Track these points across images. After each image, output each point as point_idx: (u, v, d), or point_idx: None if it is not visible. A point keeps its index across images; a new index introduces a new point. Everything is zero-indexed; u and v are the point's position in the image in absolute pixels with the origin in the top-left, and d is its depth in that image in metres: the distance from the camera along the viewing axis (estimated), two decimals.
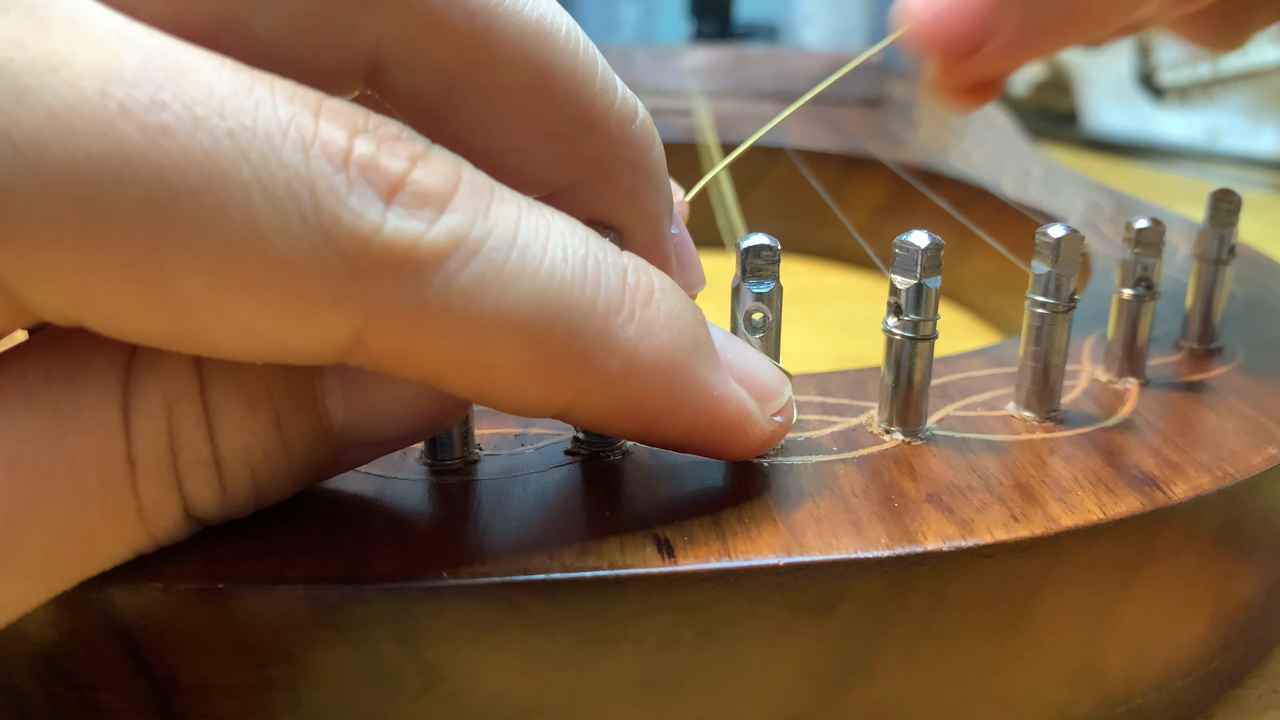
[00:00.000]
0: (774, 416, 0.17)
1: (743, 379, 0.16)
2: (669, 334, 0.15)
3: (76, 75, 0.11)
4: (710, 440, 0.16)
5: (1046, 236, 0.19)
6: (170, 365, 0.14)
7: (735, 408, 0.16)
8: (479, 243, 0.13)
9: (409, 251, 0.12)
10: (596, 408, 0.15)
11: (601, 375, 0.14)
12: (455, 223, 0.13)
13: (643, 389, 0.15)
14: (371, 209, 0.12)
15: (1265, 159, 0.69)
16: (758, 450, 0.17)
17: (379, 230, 0.12)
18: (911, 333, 0.18)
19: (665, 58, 0.69)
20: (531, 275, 0.13)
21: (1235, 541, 0.19)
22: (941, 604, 0.16)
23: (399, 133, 0.13)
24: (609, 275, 0.14)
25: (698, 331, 0.15)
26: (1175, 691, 0.19)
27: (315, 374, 0.15)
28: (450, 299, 0.13)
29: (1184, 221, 0.36)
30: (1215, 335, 0.24)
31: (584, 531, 0.16)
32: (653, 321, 0.15)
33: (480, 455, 0.18)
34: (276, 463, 0.15)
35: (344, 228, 0.12)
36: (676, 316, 0.15)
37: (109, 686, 0.15)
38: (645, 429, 0.16)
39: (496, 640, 0.15)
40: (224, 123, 0.12)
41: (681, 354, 0.15)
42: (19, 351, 0.13)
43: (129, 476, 0.13)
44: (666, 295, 0.15)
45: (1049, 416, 0.20)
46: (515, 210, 0.14)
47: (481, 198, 0.13)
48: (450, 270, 0.13)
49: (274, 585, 0.14)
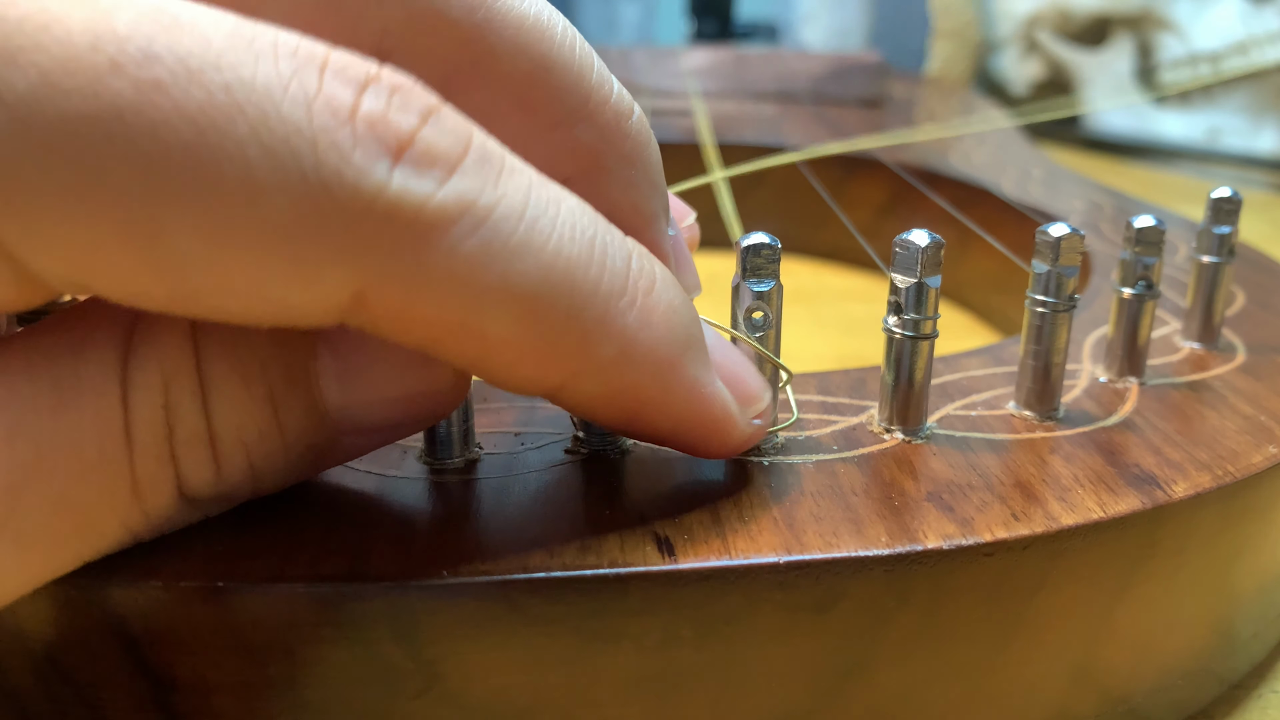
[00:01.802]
0: (754, 420, 0.17)
1: (728, 379, 0.16)
2: (666, 326, 0.15)
3: (68, 32, 0.11)
4: (692, 436, 0.16)
5: (1046, 236, 0.19)
6: (168, 341, 0.14)
7: (720, 407, 0.16)
8: (487, 210, 0.13)
9: (415, 213, 0.12)
10: (587, 391, 0.15)
11: (597, 359, 0.14)
12: (464, 187, 0.13)
13: (635, 378, 0.15)
14: (377, 166, 0.12)
15: (1265, 159, 0.69)
16: (735, 451, 0.17)
17: (384, 189, 0.12)
18: (912, 331, 0.18)
19: (665, 58, 0.69)
20: (538, 250, 0.13)
21: (1235, 540, 0.19)
22: (941, 603, 0.16)
23: (410, 85, 0.13)
24: (615, 259, 0.14)
25: (693, 328, 0.15)
26: (1175, 691, 0.19)
27: (310, 353, 0.15)
28: (455, 265, 0.12)
29: (1184, 221, 0.36)
30: (1215, 335, 0.24)
31: (584, 530, 0.16)
32: (652, 311, 0.15)
33: (480, 454, 0.18)
34: (271, 442, 0.15)
35: (347, 185, 0.12)
36: (675, 310, 0.15)
37: (109, 685, 0.15)
38: (630, 419, 0.15)
39: (496, 638, 0.15)
40: (220, 76, 0.11)
41: (676, 347, 0.15)
42: (24, 332, 0.14)
43: (126, 450, 0.14)
44: (667, 288, 0.15)
45: (1049, 415, 0.20)
46: (526, 182, 0.13)
47: (492, 165, 0.13)
48: (456, 236, 0.12)
49: (274, 583, 0.14)
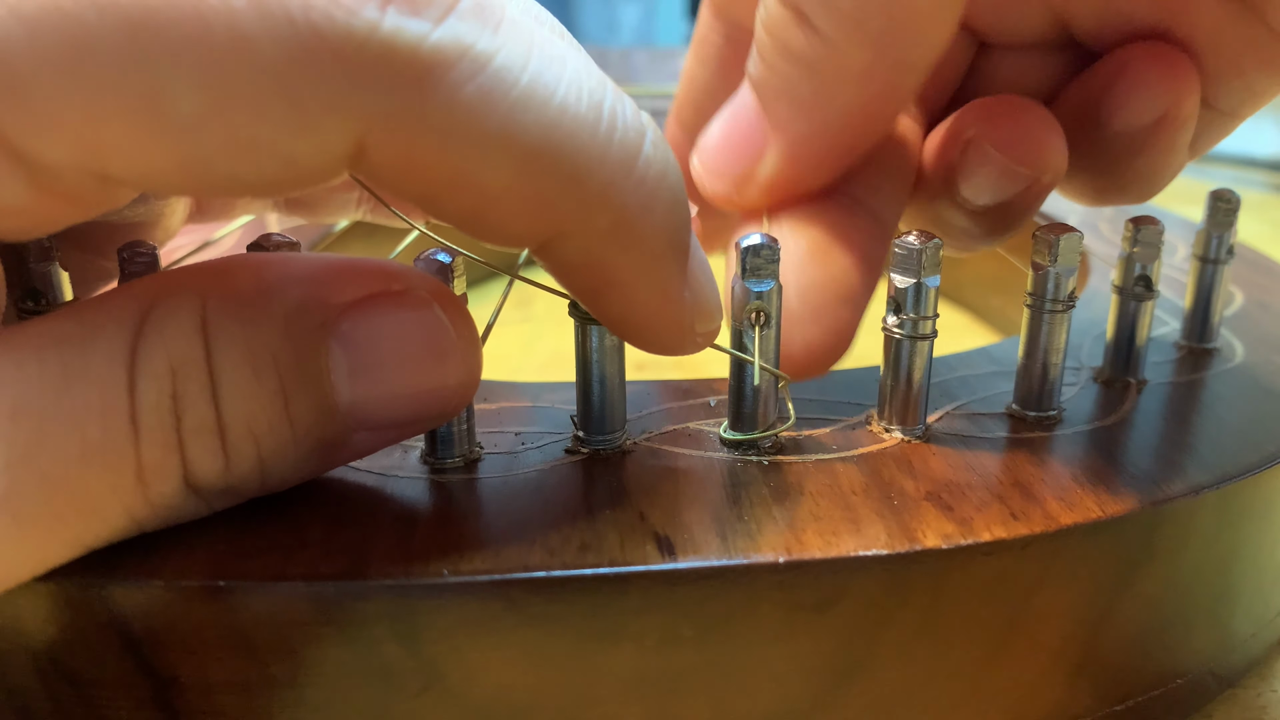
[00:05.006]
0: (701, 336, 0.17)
1: (692, 290, 0.16)
2: (664, 218, 0.15)
3: None
4: (644, 331, 0.16)
5: (1046, 236, 0.19)
6: (178, 331, 0.14)
7: (677, 314, 0.16)
8: (486, 57, 0.13)
9: (410, 54, 0.12)
10: (567, 254, 0.14)
11: (591, 226, 0.14)
12: (461, 30, 0.12)
13: (619, 257, 0.15)
14: (366, 7, 0.12)
15: (1265, 159, 0.69)
16: (673, 354, 0.17)
17: (375, 29, 0.12)
18: (911, 331, 0.19)
19: (665, 59, 0.69)
20: (541, 104, 0.13)
21: (1234, 540, 0.19)
22: (941, 602, 0.16)
23: None
24: (626, 132, 0.14)
25: (685, 230, 0.15)
26: (1175, 691, 0.19)
27: (322, 348, 0.15)
28: (454, 111, 0.12)
29: (1184, 222, 0.36)
30: (1214, 334, 0.24)
31: (584, 529, 0.16)
32: (655, 198, 0.14)
33: (481, 453, 0.18)
34: (281, 435, 0.15)
35: (338, 27, 0.12)
36: (678, 204, 0.15)
37: (110, 684, 0.15)
38: (595, 293, 0.15)
39: (497, 637, 0.15)
40: None
41: (667, 243, 0.15)
42: (37, 319, 0.14)
43: (131, 435, 0.14)
44: (675, 180, 0.15)
45: (1048, 415, 0.20)
46: (527, 35, 0.13)
47: (491, 12, 0.13)
48: (454, 81, 0.12)
49: (275, 582, 0.14)
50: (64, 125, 0.11)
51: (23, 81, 0.11)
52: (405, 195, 0.13)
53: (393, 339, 0.15)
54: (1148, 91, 0.19)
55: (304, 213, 0.27)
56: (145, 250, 0.17)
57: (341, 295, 0.15)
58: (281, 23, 0.12)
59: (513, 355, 0.40)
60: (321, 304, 0.15)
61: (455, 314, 0.16)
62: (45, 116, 0.11)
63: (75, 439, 0.13)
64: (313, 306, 0.15)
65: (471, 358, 0.16)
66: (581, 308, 0.17)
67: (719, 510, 0.16)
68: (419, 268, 0.17)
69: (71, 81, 0.11)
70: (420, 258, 0.17)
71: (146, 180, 0.12)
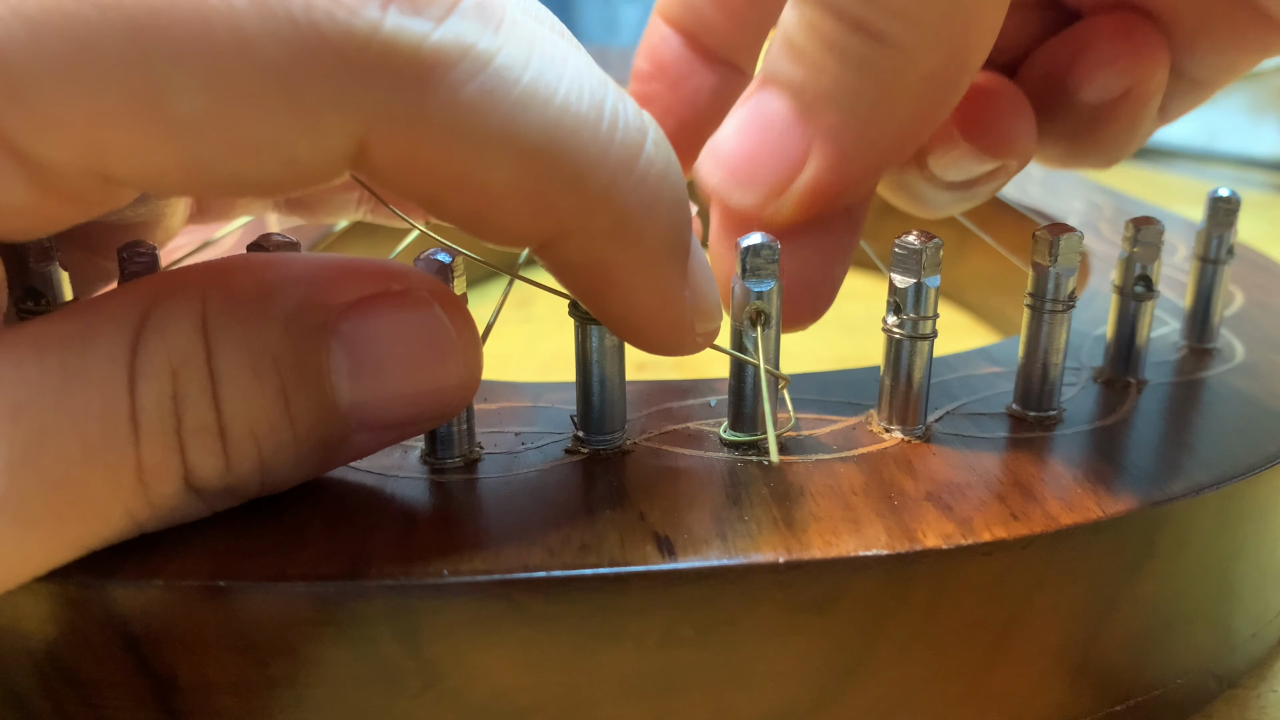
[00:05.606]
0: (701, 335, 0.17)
1: (692, 290, 0.16)
2: (665, 217, 0.15)
3: None
4: (644, 331, 0.16)
5: (1046, 236, 0.19)
6: (178, 333, 0.14)
7: (682, 315, 0.16)
8: (487, 56, 0.13)
9: (412, 53, 0.12)
10: (567, 254, 0.14)
11: (591, 226, 0.14)
12: (462, 29, 0.13)
13: (619, 257, 0.15)
14: (367, 6, 0.12)
15: (1265, 159, 0.69)
16: (673, 354, 0.17)
17: (376, 29, 0.12)
18: (911, 331, 0.19)
19: None
20: (543, 104, 0.13)
21: (1234, 540, 0.19)
22: (941, 602, 0.16)
23: None
24: (628, 131, 0.14)
25: (686, 230, 0.15)
26: (1175, 691, 0.19)
27: (323, 348, 0.15)
28: (456, 111, 0.12)
29: (1183, 222, 0.36)
30: (1214, 334, 0.24)
31: (584, 529, 0.16)
32: (657, 198, 0.14)
33: (481, 453, 0.18)
34: (282, 436, 0.15)
35: (339, 26, 0.12)
36: (679, 204, 0.15)
37: (110, 684, 0.15)
38: (596, 292, 0.15)
39: (497, 637, 0.15)
40: None
41: (667, 243, 0.15)
42: (37, 320, 0.14)
43: (131, 436, 0.14)
44: (676, 179, 0.15)
45: (1048, 415, 0.20)
46: (529, 34, 0.13)
47: (492, 12, 0.13)
48: (455, 80, 0.12)
49: (275, 583, 0.14)
50: (66, 125, 0.11)
51: (24, 82, 0.11)
52: (406, 195, 0.13)
53: (393, 339, 0.15)
54: (1113, 67, 0.20)
55: (304, 213, 0.27)
56: (145, 250, 0.17)
57: (342, 295, 0.15)
58: (283, 22, 0.12)
59: (513, 355, 0.40)
60: (322, 304, 0.15)
61: (455, 314, 0.16)
62: (47, 117, 0.11)
63: (75, 439, 0.13)
64: (313, 307, 0.15)
65: (472, 358, 0.16)
66: (581, 308, 0.17)
67: (719, 510, 0.16)
68: (419, 268, 0.17)
69: (73, 82, 0.11)
70: (420, 258, 0.17)
71: (148, 180, 0.12)
